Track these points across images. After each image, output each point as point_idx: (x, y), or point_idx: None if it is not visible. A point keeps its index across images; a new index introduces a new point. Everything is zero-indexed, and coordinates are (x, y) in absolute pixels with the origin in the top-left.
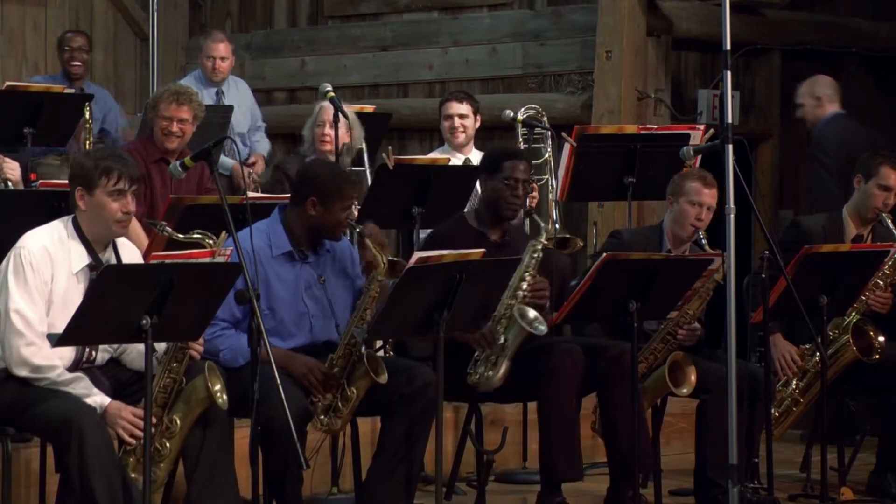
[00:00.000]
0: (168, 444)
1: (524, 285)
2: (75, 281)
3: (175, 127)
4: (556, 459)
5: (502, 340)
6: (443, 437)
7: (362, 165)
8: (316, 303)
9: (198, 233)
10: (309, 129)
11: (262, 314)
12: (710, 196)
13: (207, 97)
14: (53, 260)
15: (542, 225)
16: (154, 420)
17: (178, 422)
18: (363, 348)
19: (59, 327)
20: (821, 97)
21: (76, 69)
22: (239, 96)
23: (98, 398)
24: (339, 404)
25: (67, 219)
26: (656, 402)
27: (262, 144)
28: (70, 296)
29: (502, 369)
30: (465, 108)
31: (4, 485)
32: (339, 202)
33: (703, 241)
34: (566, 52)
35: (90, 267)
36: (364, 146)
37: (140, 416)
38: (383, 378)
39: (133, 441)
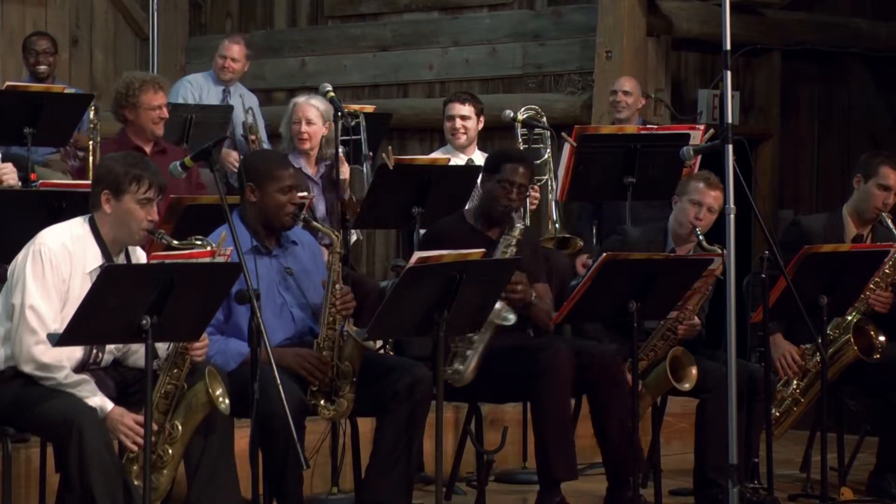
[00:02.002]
0: (170, 450)
1: None
2: (88, 280)
3: (165, 112)
4: (551, 460)
5: (470, 335)
6: (443, 437)
7: (357, 133)
8: (291, 294)
9: (198, 238)
10: (285, 127)
11: (245, 315)
12: (712, 197)
13: (214, 95)
14: (72, 258)
15: (518, 221)
16: (156, 426)
17: (180, 427)
18: (346, 324)
19: None
20: (644, 101)
21: (43, 72)
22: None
23: (101, 402)
24: (339, 384)
25: (84, 218)
26: (657, 401)
27: None
28: (84, 295)
29: (472, 365)
30: (467, 109)
31: (4, 485)
32: (272, 184)
33: (702, 239)
34: (566, 52)
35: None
36: (358, 119)
37: (141, 422)
38: (371, 343)
39: (135, 448)
